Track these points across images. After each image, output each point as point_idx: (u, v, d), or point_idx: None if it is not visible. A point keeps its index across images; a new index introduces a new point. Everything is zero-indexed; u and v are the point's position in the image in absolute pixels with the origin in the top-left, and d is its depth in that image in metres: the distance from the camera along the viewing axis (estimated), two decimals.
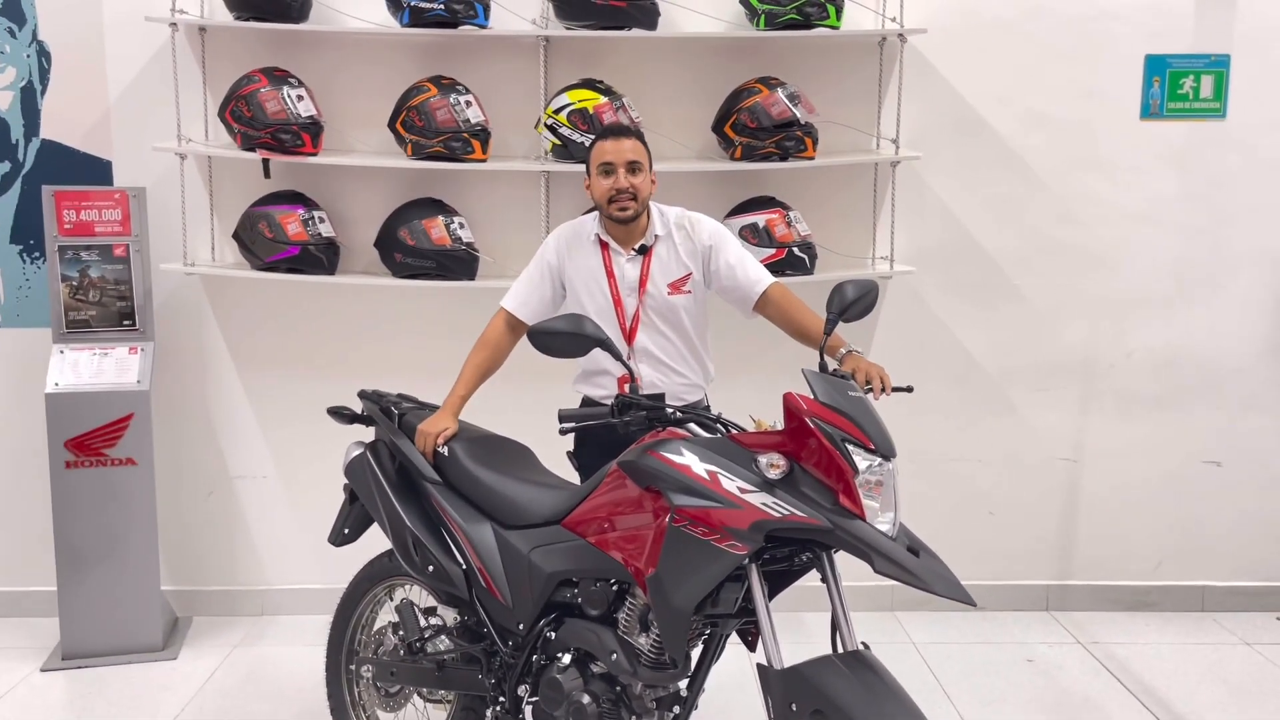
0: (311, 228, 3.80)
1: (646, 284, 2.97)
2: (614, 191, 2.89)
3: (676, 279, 2.99)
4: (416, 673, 2.88)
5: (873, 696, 2.11)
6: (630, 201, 2.91)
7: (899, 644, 4.01)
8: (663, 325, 2.99)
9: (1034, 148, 4.10)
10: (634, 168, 2.91)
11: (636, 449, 2.46)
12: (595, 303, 2.97)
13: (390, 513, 2.86)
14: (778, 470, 2.23)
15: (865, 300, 2.59)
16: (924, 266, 4.14)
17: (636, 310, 2.97)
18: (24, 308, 4.05)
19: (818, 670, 2.16)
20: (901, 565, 2.13)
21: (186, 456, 4.15)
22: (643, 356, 2.97)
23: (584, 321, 2.52)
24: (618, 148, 2.91)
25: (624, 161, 2.90)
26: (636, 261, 2.98)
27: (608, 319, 2.93)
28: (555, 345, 2.52)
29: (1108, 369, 4.23)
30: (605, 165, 2.91)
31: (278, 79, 3.75)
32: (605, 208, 2.94)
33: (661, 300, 2.97)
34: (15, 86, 3.97)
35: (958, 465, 4.26)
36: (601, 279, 2.98)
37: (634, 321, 2.98)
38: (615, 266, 2.98)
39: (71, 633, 3.80)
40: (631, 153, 2.91)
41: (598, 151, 2.94)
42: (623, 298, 2.97)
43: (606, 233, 3.00)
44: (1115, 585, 4.33)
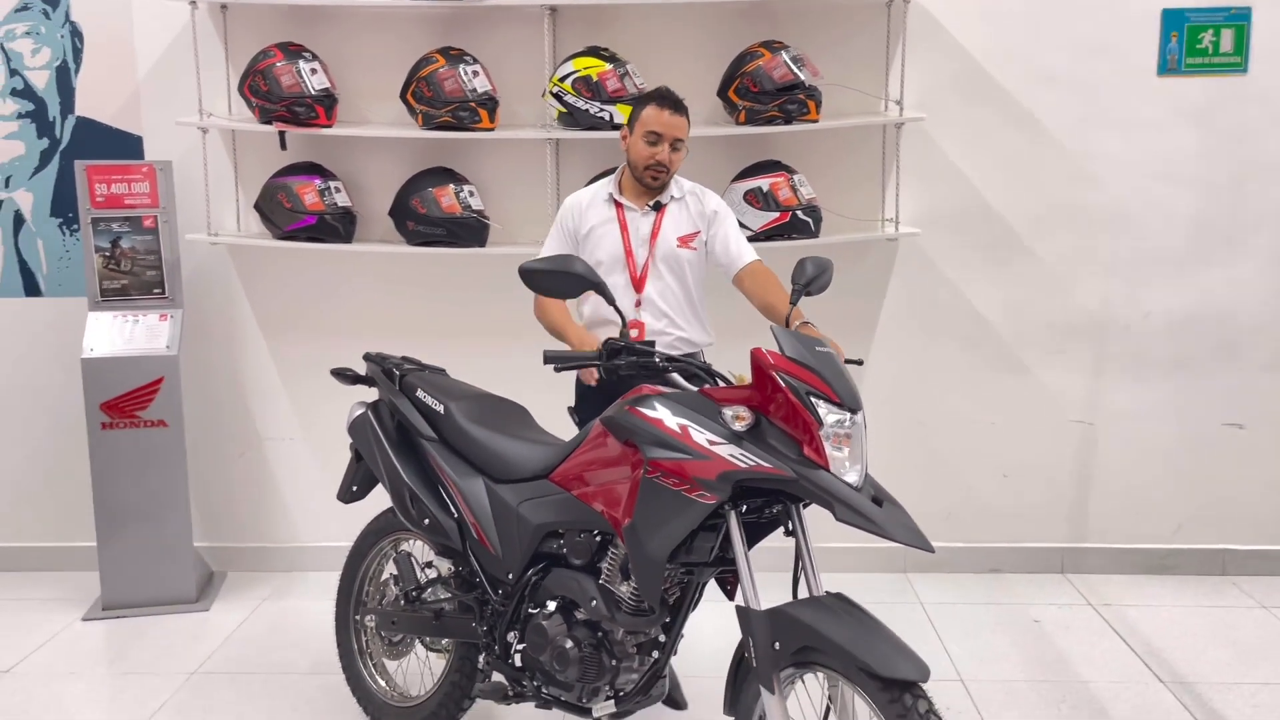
0: (328, 197, 3.93)
1: (658, 236, 3.17)
2: (654, 161, 3.09)
3: (686, 234, 3.19)
4: (416, 621, 3.01)
5: (862, 629, 2.16)
6: (663, 174, 3.12)
7: (907, 604, 4.05)
8: (669, 277, 3.17)
9: (1046, 106, 4.06)
10: (676, 144, 3.11)
11: (615, 405, 2.54)
12: (608, 254, 3.15)
13: (389, 469, 2.99)
14: (743, 422, 2.30)
15: (825, 276, 2.82)
16: (935, 228, 4.13)
17: (646, 261, 3.15)
18: (65, 277, 4.25)
19: (803, 609, 2.22)
20: (862, 513, 2.18)
21: (218, 419, 4.33)
22: (648, 306, 3.16)
23: (573, 261, 2.59)
24: (669, 123, 3.08)
25: (671, 137, 3.09)
26: (650, 216, 3.18)
27: (618, 269, 3.14)
28: (545, 283, 2.59)
29: (1123, 330, 4.19)
30: (652, 135, 3.09)
31: (292, 53, 3.86)
32: (638, 170, 3.13)
33: (671, 251, 3.17)
34: (51, 66, 4.14)
35: (970, 427, 4.27)
36: (615, 232, 3.17)
37: (644, 271, 3.16)
38: (629, 220, 3.18)
39: (110, 585, 4.01)
40: (679, 129, 3.10)
41: (648, 116, 3.10)
42: (634, 248, 3.16)
43: (622, 192, 3.20)
44: (1133, 549, 4.31)
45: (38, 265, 4.26)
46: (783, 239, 3.87)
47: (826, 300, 4.10)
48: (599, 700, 2.60)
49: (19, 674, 3.56)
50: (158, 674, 3.55)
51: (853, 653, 2.06)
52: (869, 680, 2.05)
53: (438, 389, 3.02)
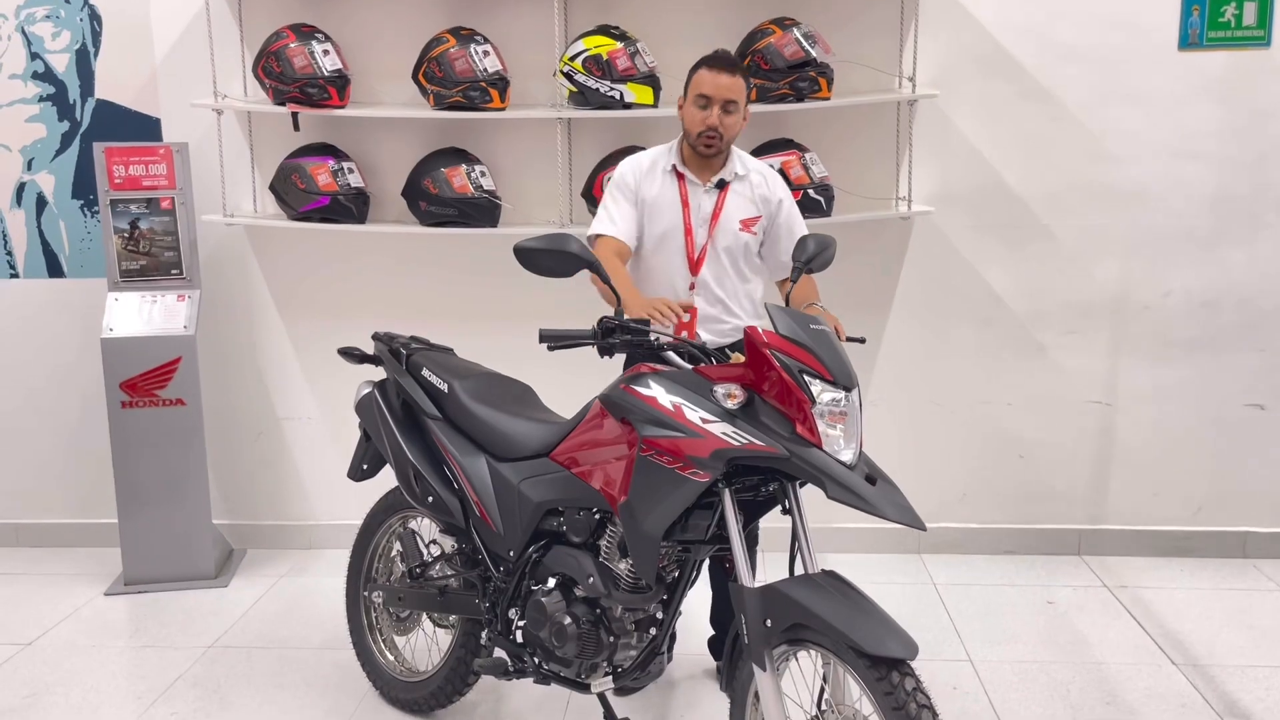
0: (341, 178, 3.95)
1: (719, 217, 3.02)
2: (705, 127, 2.92)
3: (749, 217, 3.05)
4: (422, 597, 3.04)
5: (853, 608, 2.16)
6: (717, 140, 2.94)
7: (919, 585, 4.03)
8: (727, 261, 3.05)
9: (1064, 82, 4.00)
10: (729, 107, 2.92)
11: (611, 384, 2.55)
12: (666, 230, 3.01)
13: (394, 448, 3.01)
14: (735, 400, 2.29)
15: (826, 254, 2.77)
16: (950, 206, 4.09)
17: (706, 242, 3.02)
18: (86, 259, 4.32)
19: (794, 587, 2.22)
20: (854, 491, 2.17)
21: (236, 399, 4.39)
22: (703, 290, 3.04)
23: (569, 239, 2.52)
24: (717, 83, 2.91)
25: (721, 99, 2.91)
26: (713, 194, 3.03)
27: (676, 248, 3.02)
28: (542, 262, 2.52)
29: (1142, 310, 4.13)
30: (702, 98, 2.93)
31: (305, 35, 3.89)
32: (693, 136, 2.97)
33: (732, 235, 3.02)
34: (70, 49, 4.20)
35: (986, 408, 4.23)
36: (676, 207, 3.01)
37: (701, 253, 3.03)
38: (691, 196, 3.02)
39: (132, 561, 4.09)
40: (730, 90, 2.91)
41: (697, 80, 2.95)
42: (694, 228, 3.01)
43: (684, 164, 3.03)
44: (1152, 530, 4.26)
45: (60, 247, 4.33)
46: None
47: (840, 280, 4.09)
48: (597, 676, 2.61)
49: (41, 646, 3.64)
50: (175, 648, 3.62)
51: (841, 630, 2.06)
52: (857, 658, 2.05)
53: (443, 368, 3.04)
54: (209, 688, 3.35)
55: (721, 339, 3.02)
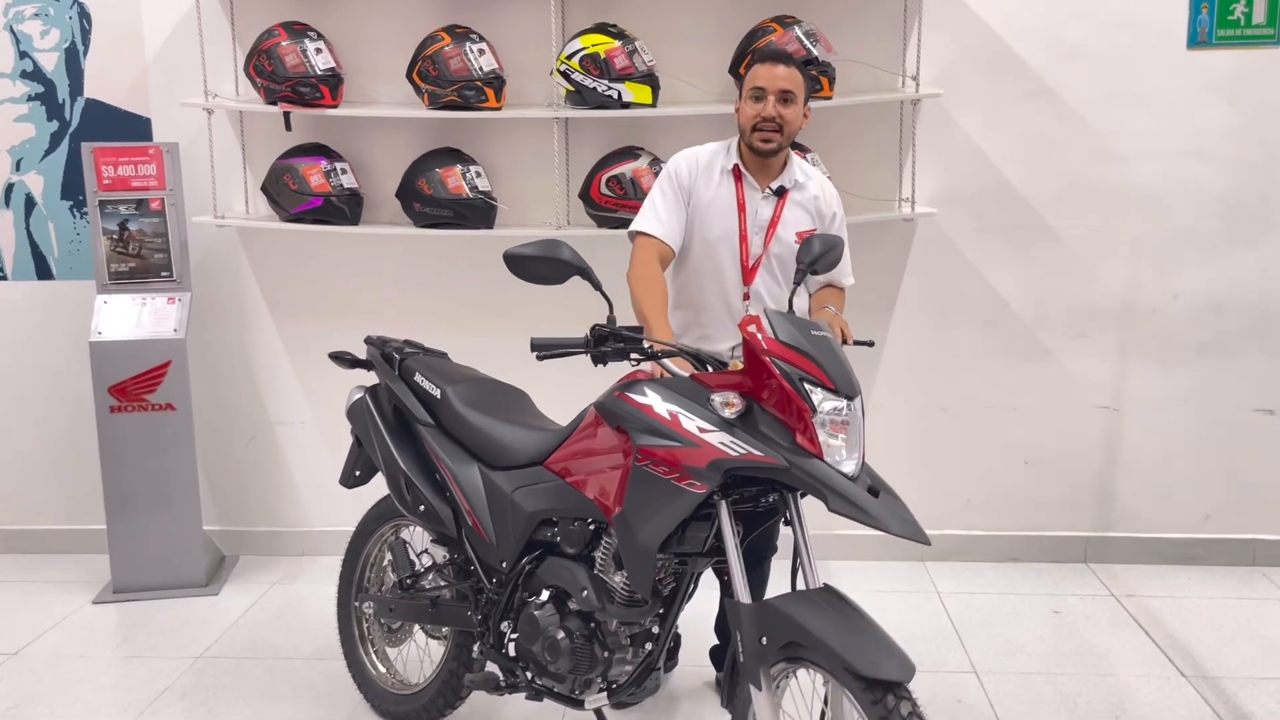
0: (334, 179, 3.88)
1: (777, 226, 2.89)
2: (759, 119, 2.79)
3: (804, 230, 2.91)
4: (413, 609, 2.97)
5: (849, 626, 2.09)
6: (775, 133, 2.79)
7: (922, 593, 3.96)
8: (780, 271, 2.92)
9: (1069, 81, 3.92)
10: (786, 98, 2.79)
11: (607, 390, 2.48)
12: (721, 234, 2.87)
13: (385, 455, 2.95)
14: (733, 409, 2.22)
15: (831, 254, 2.66)
16: (954, 207, 4.02)
17: (761, 251, 2.89)
18: (75, 260, 4.25)
19: (790, 604, 2.15)
20: (856, 504, 2.10)
21: (228, 403, 4.32)
22: (755, 300, 2.91)
23: (560, 246, 2.45)
24: (772, 74, 2.79)
25: (776, 89, 2.78)
26: (771, 201, 2.89)
27: (730, 255, 2.88)
28: (532, 269, 2.45)
29: (1150, 313, 4.05)
30: (756, 90, 2.80)
31: (297, 33, 3.82)
32: (748, 134, 2.82)
33: (788, 246, 2.88)
34: (59, 48, 4.13)
35: (991, 413, 4.16)
36: (732, 211, 2.86)
37: (756, 261, 2.89)
38: (749, 202, 2.88)
39: (120, 568, 4.02)
40: (785, 80, 2.79)
41: (752, 75, 2.83)
42: (749, 235, 2.87)
43: (745, 164, 2.89)
44: (1159, 538, 4.18)
45: (49, 248, 4.26)
46: None
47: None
48: (592, 692, 2.54)
49: (28, 655, 3.57)
50: (164, 658, 3.55)
51: (837, 650, 1.99)
52: (853, 679, 1.97)
53: (436, 373, 2.97)
54: (197, 699, 3.28)
55: None
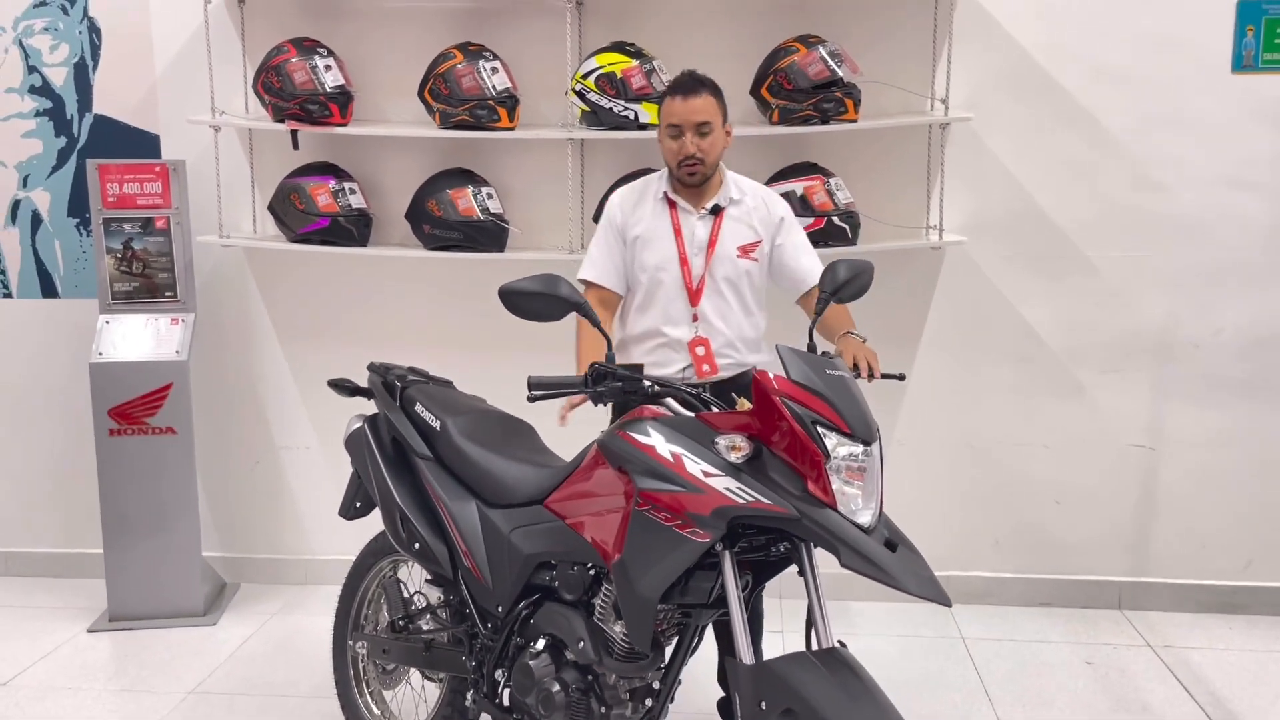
0: (342, 199, 3.78)
1: (716, 245, 2.85)
2: (682, 156, 2.77)
3: (747, 243, 2.87)
4: (407, 651, 2.84)
5: (848, 697, 1.95)
6: (698, 166, 2.78)
7: (948, 639, 3.77)
8: (727, 290, 2.87)
9: (1107, 106, 3.76)
10: (703, 130, 2.76)
11: (608, 428, 2.33)
12: (660, 261, 2.85)
13: (381, 488, 2.82)
14: (739, 453, 2.08)
15: (859, 281, 2.48)
16: (984, 236, 3.86)
17: (704, 272, 2.84)
18: (81, 279, 4.17)
19: (791, 667, 2.01)
20: (871, 560, 1.95)
21: (233, 426, 4.21)
22: (704, 324, 2.86)
23: (559, 282, 2.36)
24: (686, 109, 2.76)
25: (692, 125, 2.76)
26: (707, 221, 2.86)
27: (674, 280, 2.85)
28: (527, 306, 2.38)
29: (1191, 349, 3.86)
30: (672, 128, 2.78)
31: (307, 49, 3.72)
32: (675, 170, 2.82)
33: (730, 263, 2.85)
34: (69, 63, 4.06)
35: (1021, 450, 3.97)
36: (669, 237, 2.85)
37: (700, 283, 2.85)
38: (684, 225, 2.86)
39: (117, 596, 3.91)
40: (701, 113, 2.75)
41: (666, 110, 2.81)
42: (689, 257, 2.85)
43: (675, 192, 2.87)
44: (1198, 585, 3.98)
45: (55, 266, 4.19)
46: (818, 246, 3.59)
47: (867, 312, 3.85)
48: None
49: (16, 686, 3.46)
50: (155, 692, 3.43)
51: None
52: None
53: (437, 403, 2.84)
54: None
55: (725, 372, 2.83)
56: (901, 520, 4.15)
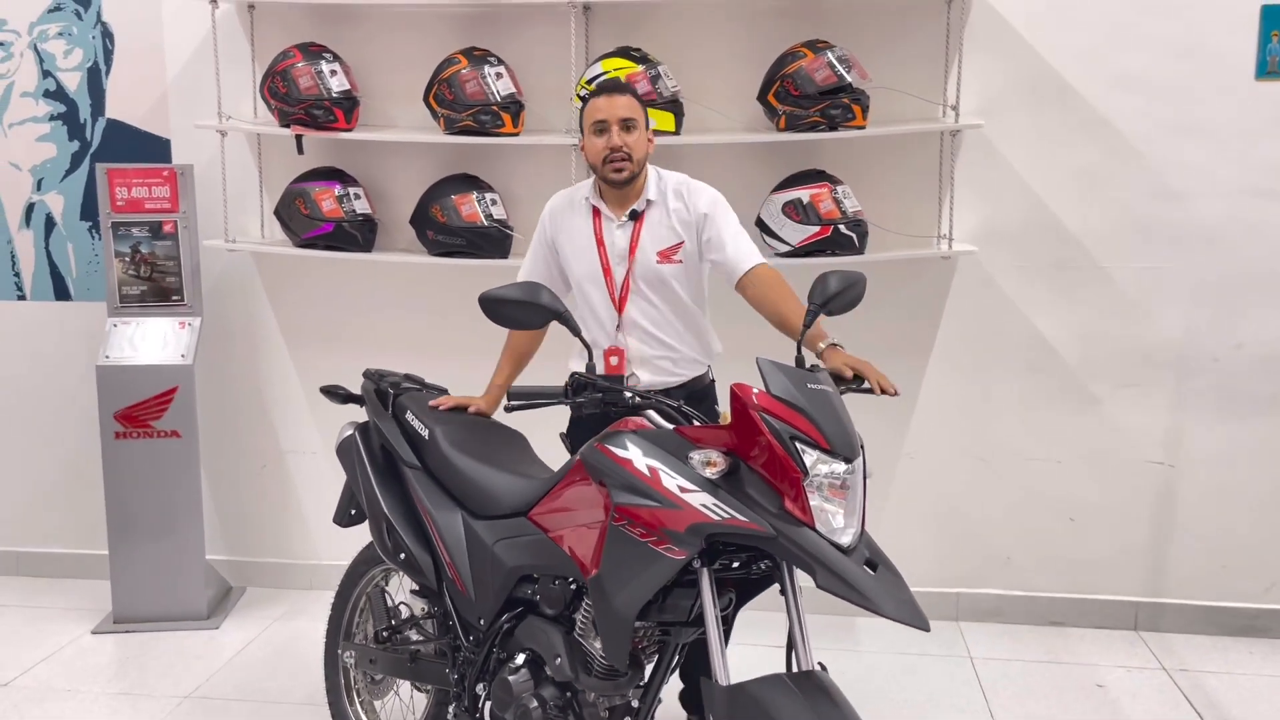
0: (347, 204, 3.77)
1: (635, 251, 2.80)
2: (608, 150, 2.72)
3: (667, 247, 2.80)
4: (393, 662, 2.81)
5: None
6: (625, 162, 2.72)
7: (954, 657, 3.69)
8: (652, 295, 2.81)
9: (1125, 112, 3.66)
10: (628, 125, 2.73)
11: (590, 441, 2.29)
12: (585, 271, 2.83)
13: (369, 496, 2.80)
14: (715, 469, 2.03)
15: (851, 293, 2.38)
16: (997, 245, 3.77)
17: (626, 279, 2.80)
18: (93, 282, 4.19)
19: (764, 689, 1.96)
20: (847, 581, 1.89)
21: (240, 430, 4.22)
22: (631, 328, 2.81)
23: (539, 290, 2.34)
24: (611, 104, 2.73)
25: (617, 119, 2.71)
26: (627, 228, 2.81)
27: (597, 288, 2.82)
28: (507, 314, 2.36)
29: (1210, 363, 3.75)
30: (598, 124, 2.73)
31: (313, 54, 3.72)
32: (600, 169, 2.76)
33: (650, 269, 2.79)
34: (82, 68, 4.09)
35: (1033, 465, 3.88)
36: (591, 246, 2.83)
37: (623, 291, 2.81)
38: (606, 233, 2.82)
39: (122, 598, 3.92)
40: (625, 109, 2.73)
41: (590, 109, 2.77)
42: (612, 266, 2.81)
43: (599, 197, 2.84)
44: (1218, 606, 3.86)
45: (67, 269, 4.22)
46: (824, 255, 3.57)
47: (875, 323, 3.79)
48: None
49: (17, 687, 3.48)
50: (152, 696, 3.43)
51: None
52: None
53: (427, 411, 2.82)
54: None
55: (669, 378, 2.78)
56: (909, 535, 4.10)
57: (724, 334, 2.97)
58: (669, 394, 2.74)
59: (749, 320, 2.80)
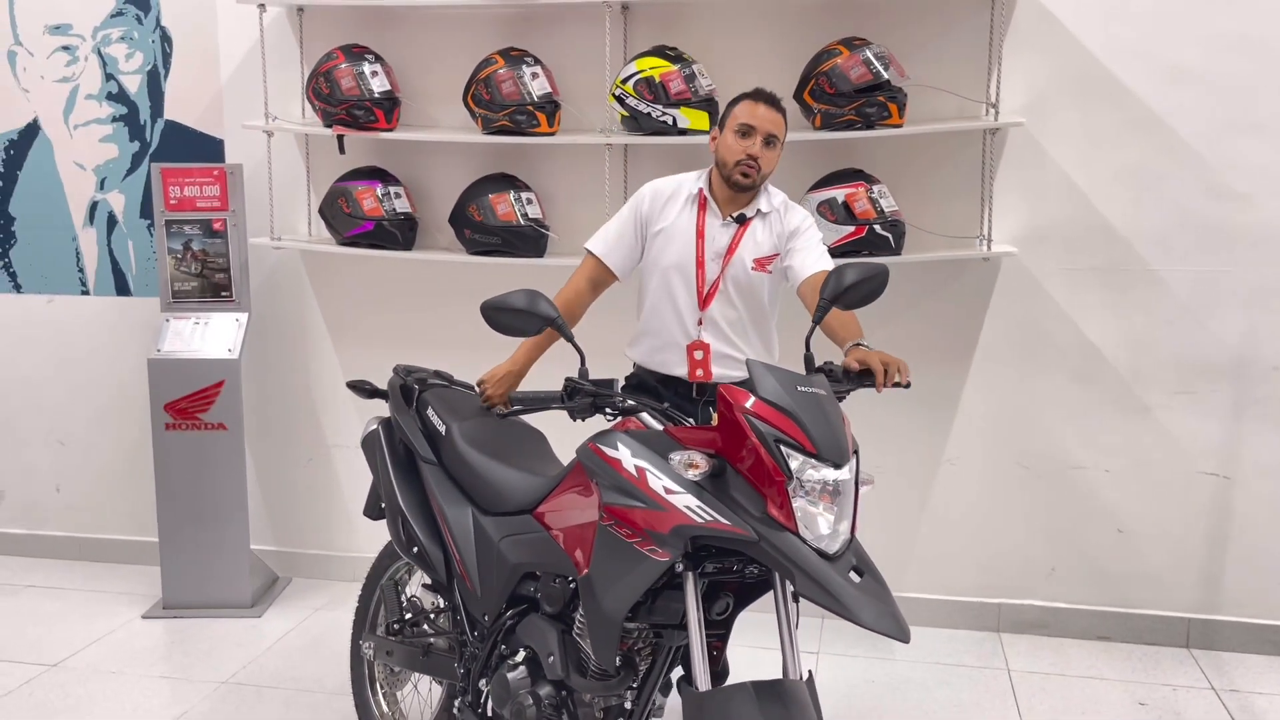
0: (387, 203, 3.83)
1: (734, 253, 2.85)
2: (745, 156, 2.78)
3: (764, 256, 2.86)
4: (408, 655, 2.84)
5: None
6: (755, 171, 2.80)
7: (991, 669, 3.59)
8: (737, 299, 2.86)
9: (1179, 110, 3.53)
10: (770, 141, 2.81)
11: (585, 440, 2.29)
12: (677, 260, 2.86)
13: (388, 490, 2.83)
14: (696, 471, 2.00)
15: (866, 286, 2.29)
16: (1044, 247, 3.67)
17: (717, 278, 2.85)
18: (151, 278, 4.34)
19: (736, 697, 1.94)
20: (825, 588, 1.85)
21: (287, 423, 4.31)
22: (710, 326, 2.86)
23: (539, 300, 2.35)
24: (763, 116, 2.80)
25: (764, 131, 2.80)
26: (730, 229, 2.86)
27: (685, 281, 2.86)
28: (508, 322, 2.37)
29: (1269, 370, 3.59)
30: (745, 127, 2.80)
31: (355, 55, 3.79)
32: (728, 167, 2.81)
33: (743, 273, 2.85)
34: (143, 70, 4.23)
35: (1080, 474, 3.76)
36: (690, 238, 2.86)
37: (712, 288, 2.85)
38: (708, 228, 2.86)
39: (171, 585, 4.05)
40: (773, 125, 2.81)
41: (741, 110, 2.83)
42: (706, 261, 2.85)
43: (711, 191, 2.88)
44: (1276, 625, 3.69)
45: (128, 265, 4.37)
46: (858, 255, 3.50)
47: (916, 325, 3.73)
48: None
49: (66, 668, 3.61)
50: (191, 680, 3.53)
51: None
52: None
53: (450, 408, 2.84)
54: None
55: (734, 373, 2.77)
56: (949, 543, 4.01)
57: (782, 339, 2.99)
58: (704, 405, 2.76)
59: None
